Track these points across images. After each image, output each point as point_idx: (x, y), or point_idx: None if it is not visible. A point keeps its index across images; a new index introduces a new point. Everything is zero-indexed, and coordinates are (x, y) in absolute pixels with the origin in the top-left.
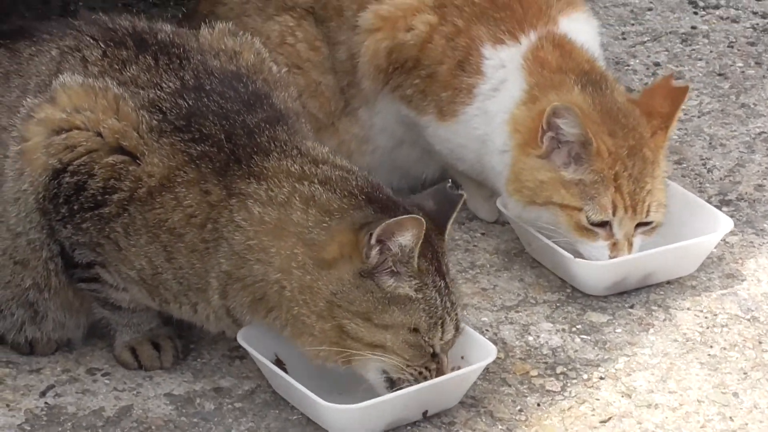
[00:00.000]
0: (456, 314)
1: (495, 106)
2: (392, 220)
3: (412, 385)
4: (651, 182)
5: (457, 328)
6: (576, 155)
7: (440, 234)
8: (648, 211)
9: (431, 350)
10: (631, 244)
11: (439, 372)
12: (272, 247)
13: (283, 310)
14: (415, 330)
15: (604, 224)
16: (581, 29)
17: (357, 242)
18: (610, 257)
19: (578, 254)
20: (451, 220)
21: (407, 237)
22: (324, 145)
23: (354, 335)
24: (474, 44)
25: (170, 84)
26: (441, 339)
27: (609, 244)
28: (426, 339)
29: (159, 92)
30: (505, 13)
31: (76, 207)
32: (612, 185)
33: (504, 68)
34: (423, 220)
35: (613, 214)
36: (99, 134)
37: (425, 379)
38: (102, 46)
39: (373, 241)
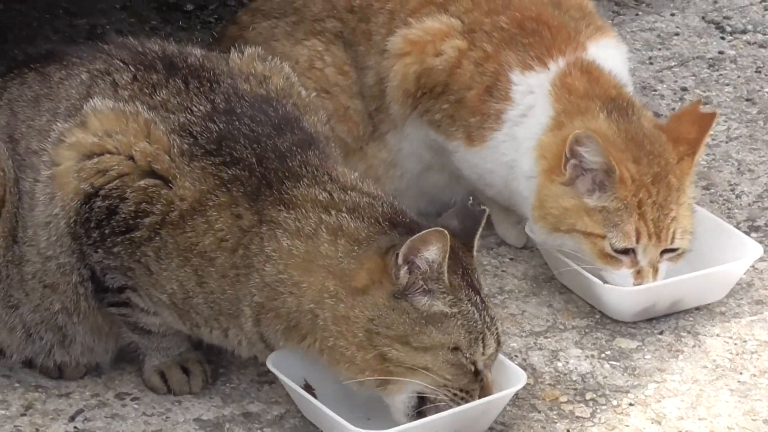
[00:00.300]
0: (496, 328)
1: (523, 132)
2: (415, 236)
3: (449, 407)
4: (676, 209)
5: (498, 342)
6: (600, 183)
7: (468, 251)
8: (673, 238)
9: (473, 368)
10: (656, 271)
11: (485, 391)
12: (303, 282)
13: (318, 337)
14: (456, 348)
15: (628, 251)
16: (609, 55)
17: (385, 266)
18: (635, 284)
19: (606, 280)
20: (477, 236)
21: (433, 251)
22: (353, 171)
23: (395, 361)
24: (502, 70)
25: (201, 107)
26: (483, 354)
27: (633, 271)
28: (467, 356)
29: (190, 116)
30: (534, 38)
31: (107, 231)
32: (635, 212)
33: (532, 94)
34: (446, 231)
35: (637, 241)
36: (131, 158)
37: (467, 401)
38: (132, 69)
39: (400, 261)
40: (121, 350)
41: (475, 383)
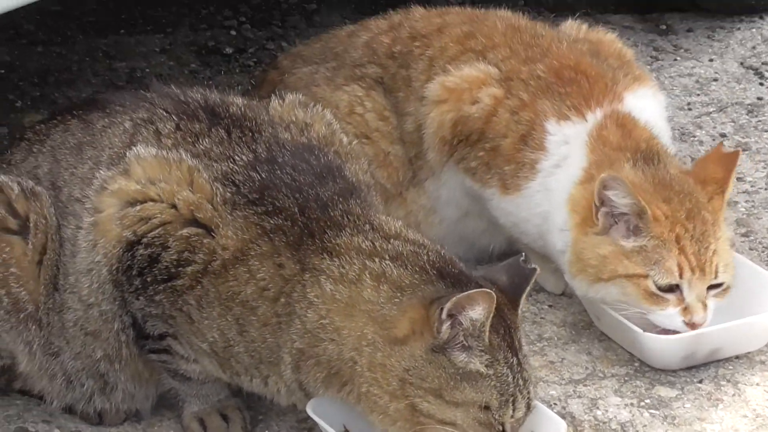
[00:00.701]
0: (528, 392)
1: (556, 183)
2: (462, 294)
3: None
4: (715, 242)
5: (528, 407)
6: (634, 227)
7: (513, 309)
8: (716, 272)
9: (501, 428)
10: (705, 306)
11: None
12: (344, 328)
13: (355, 384)
14: (486, 407)
15: (673, 289)
16: (646, 105)
17: (428, 317)
18: (684, 322)
19: (646, 328)
20: (525, 295)
21: (478, 311)
22: (396, 219)
23: (426, 413)
24: (538, 119)
25: (243, 157)
26: (512, 417)
27: (680, 309)
28: (496, 417)
29: (232, 165)
30: (572, 88)
31: (149, 279)
32: (675, 247)
33: (567, 144)
34: (494, 294)
35: (681, 276)
36: (173, 206)
37: None
38: (175, 118)
39: (443, 315)
40: (161, 396)
41: None
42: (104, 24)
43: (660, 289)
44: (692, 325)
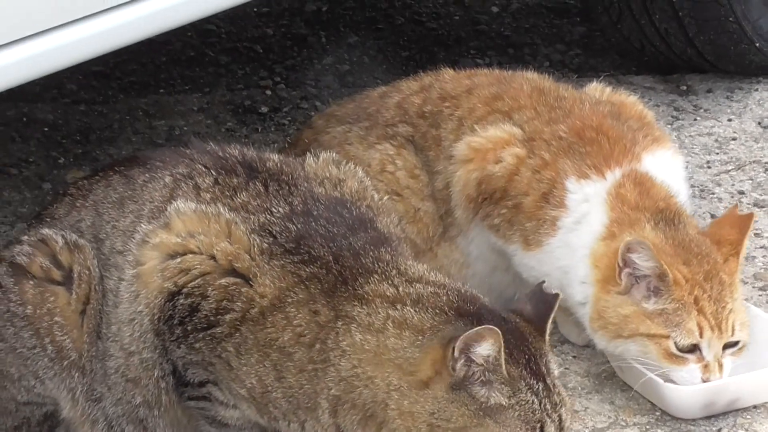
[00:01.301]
0: (559, 415)
1: (577, 239)
2: (468, 332)
3: None
4: (731, 302)
5: (561, 429)
6: (655, 288)
7: (540, 335)
8: (733, 330)
9: None
10: (721, 366)
11: None
12: (376, 376)
13: (390, 428)
14: None
15: (692, 350)
16: (664, 166)
17: (445, 357)
18: (703, 379)
19: (666, 378)
20: (550, 321)
21: (486, 347)
22: (422, 264)
23: None
24: (559, 177)
25: (280, 209)
26: None
27: (700, 366)
28: None
29: (270, 216)
30: (592, 148)
31: (189, 327)
32: (694, 309)
33: (587, 202)
34: (497, 330)
35: (701, 336)
36: (212, 257)
37: None
38: (214, 173)
39: (456, 354)
40: None
41: None
42: (144, 84)
43: (680, 349)
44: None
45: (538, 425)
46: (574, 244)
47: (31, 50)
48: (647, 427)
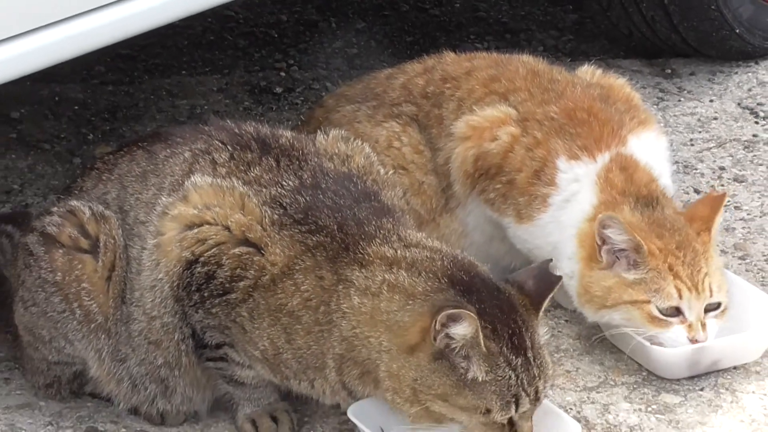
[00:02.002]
0: (535, 388)
1: (566, 217)
2: (445, 312)
3: None
4: (706, 266)
5: (536, 400)
6: (634, 261)
7: (534, 310)
8: (711, 291)
9: (506, 422)
10: (704, 325)
11: None
12: (371, 336)
13: (383, 386)
14: (488, 411)
15: (675, 313)
16: (648, 148)
17: (430, 326)
18: (689, 339)
19: (656, 342)
20: (547, 301)
21: (462, 327)
22: (422, 233)
23: (437, 413)
24: (550, 156)
25: (290, 182)
26: (516, 413)
27: (685, 327)
28: (497, 419)
29: (280, 189)
30: (583, 129)
31: (206, 294)
32: (669, 275)
33: (577, 182)
34: (473, 314)
35: (680, 297)
36: (227, 228)
37: None
38: (229, 149)
39: (437, 327)
40: (217, 400)
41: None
42: (167, 66)
43: (662, 312)
44: (694, 342)
45: (513, 399)
46: (564, 221)
47: (64, 33)
48: (634, 386)
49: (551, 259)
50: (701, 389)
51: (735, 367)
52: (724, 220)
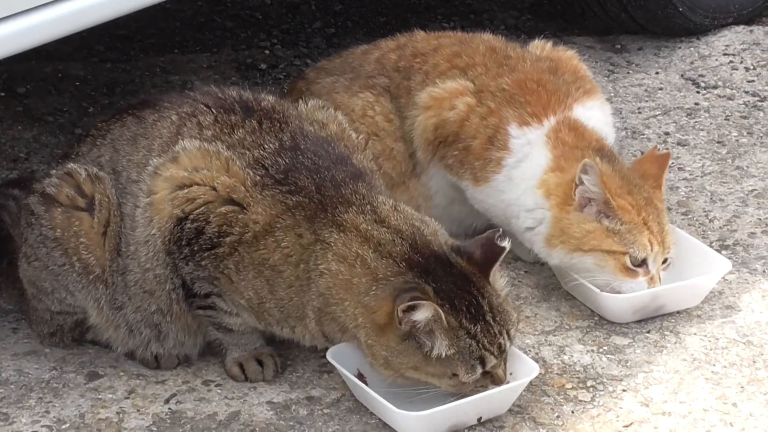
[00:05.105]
0: (498, 344)
1: (519, 175)
2: (406, 304)
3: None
4: (666, 224)
5: (501, 353)
6: (604, 211)
7: (485, 278)
8: (669, 247)
9: (477, 376)
10: (660, 277)
11: (496, 381)
12: (345, 300)
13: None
14: (454, 375)
15: (641, 264)
16: (593, 115)
17: (393, 310)
18: (649, 287)
19: (603, 289)
20: (494, 269)
21: (422, 313)
22: (392, 200)
23: (411, 378)
24: (502, 124)
25: (271, 145)
26: (483, 369)
27: (647, 278)
28: (465, 380)
29: (262, 152)
30: (532, 98)
31: (195, 248)
32: (645, 228)
33: (529, 145)
34: (434, 305)
35: (651, 250)
36: (214, 189)
37: (480, 392)
38: (214, 112)
39: (400, 314)
40: (207, 345)
41: (485, 380)
42: (161, 45)
43: (634, 264)
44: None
45: (478, 361)
46: (517, 179)
47: (65, 10)
48: (587, 330)
49: (499, 229)
50: (648, 332)
51: (678, 312)
52: (669, 180)
